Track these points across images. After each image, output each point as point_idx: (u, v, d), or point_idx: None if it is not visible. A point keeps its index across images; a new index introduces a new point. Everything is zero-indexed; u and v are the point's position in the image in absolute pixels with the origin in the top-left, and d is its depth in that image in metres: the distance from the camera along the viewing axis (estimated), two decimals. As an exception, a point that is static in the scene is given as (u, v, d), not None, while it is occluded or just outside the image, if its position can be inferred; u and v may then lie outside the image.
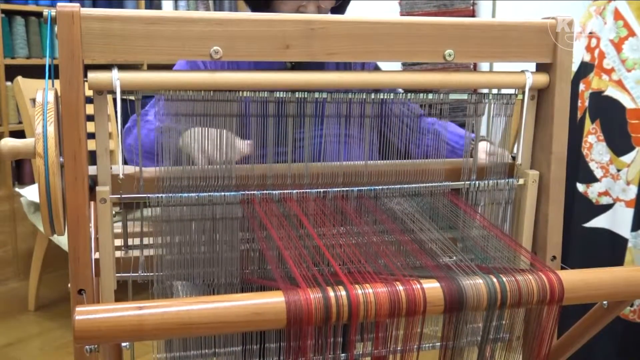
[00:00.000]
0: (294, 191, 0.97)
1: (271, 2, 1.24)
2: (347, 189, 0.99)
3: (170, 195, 0.92)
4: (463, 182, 1.03)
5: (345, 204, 0.99)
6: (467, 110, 1.01)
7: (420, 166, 1.04)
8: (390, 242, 0.97)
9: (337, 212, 0.98)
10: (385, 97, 1.01)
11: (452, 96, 1.00)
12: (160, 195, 0.92)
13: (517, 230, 1.06)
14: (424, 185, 1.02)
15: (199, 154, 0.96)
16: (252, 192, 0.95)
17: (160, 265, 0.94)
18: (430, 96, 0.99)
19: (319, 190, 0.98)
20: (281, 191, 0.97)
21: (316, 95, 0.96)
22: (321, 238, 0.93)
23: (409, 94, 0.99)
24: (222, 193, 0.94)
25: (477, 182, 1.03)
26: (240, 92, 0.93)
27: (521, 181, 1.04)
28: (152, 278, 0.95)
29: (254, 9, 1.31)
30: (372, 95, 1.00)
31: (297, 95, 0.95)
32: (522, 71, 1.01)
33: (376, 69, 1.35)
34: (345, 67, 1.29)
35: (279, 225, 0.94)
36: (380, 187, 1.00)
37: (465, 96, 1.01)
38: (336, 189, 0.99)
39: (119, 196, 0.91)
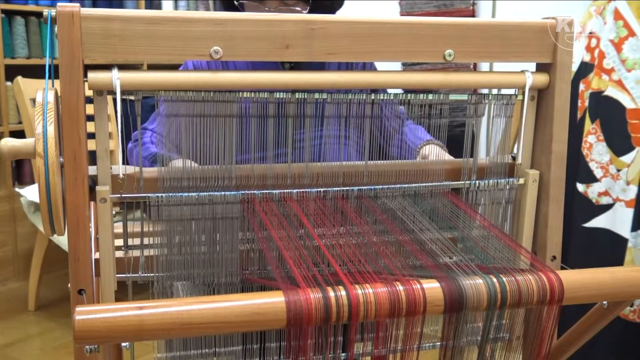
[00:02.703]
0: (294, 190, 0.97)
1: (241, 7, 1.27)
2: (347, 188, 0.99)
3: (170, 194, 0.92)
4: (463, 182, 1.03)
5: (345, 204, 0.99)
6: (467, 111, 1.01)
7: (420, 166, 1.04)
8: (390, 242, 0.97)
9: (337, 212, 0.98)
10: (384, 97, 1.01)
11: (452, 96, 1.00)
12: (160, 194, 0.92)
13: (517, 230, 1.06)
14: (424, 185, 1.02)
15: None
16: (252, 191, 0.95)
17: (161, 266, 0.94)
18: (430, 96, 0.99)
19: (319, 189, 0.98)
20: (281, 190, 0.97)
21: (316, 96, 0.96)
22: (321, 238, 0.93)
23: (409, 95, 0.99)
24: (222, 192, 0.94)
25: (477, 181, 1.03)
26: (240, 93, 0.93)
27: (521, 181, 1.04)
28: (152, 279, 0.95)
29: (226, 8, 1.33)
30: (372, 96, 1.00)
31: (297, 96, 0.95)
32: (522, 71, 1.01)
33: (372, 69, 1.35)
34: (347, 67, 1.29)
35: (279, 225, 0.94)
36: (380, 186, 1.00)
37: (465, 97, 1.01)
38: (336, 189, 0.99)
39: (119, 195, 0.91)
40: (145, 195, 0.92)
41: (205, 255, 0.95)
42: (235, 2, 1.29)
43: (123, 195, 0.92)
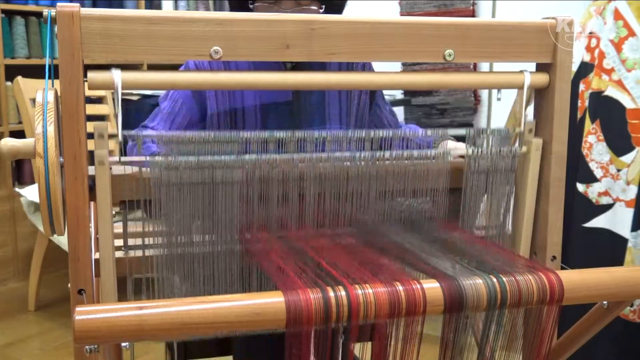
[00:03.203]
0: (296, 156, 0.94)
1: (255, 8, 1.25)
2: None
3: (169, 157, 0.89)
4: (468, 147, 1.00)
5: (344, 203, 0.98)
6: (467, 112, 1.01)
7: (423, 166, 1.03)
8: (389, 243, 0.97)
9: (333, 215, 0.98)
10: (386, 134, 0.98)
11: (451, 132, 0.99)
12: (159, 157, 0.89)
13: (517, 211, 1.04)
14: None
15: None
16: (254, 155, 0.93)
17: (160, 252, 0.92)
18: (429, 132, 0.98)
19: (320, 154, 0.95)
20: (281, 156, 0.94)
21: (315, 135, 0.94)
22: (320, 238, 0.93)
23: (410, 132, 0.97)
24: (222, 157, 0.91)
25: (480, 148, 1.00)
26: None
27: (524, 149, 1.02)
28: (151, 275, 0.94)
29: (234, 9, 1.31)
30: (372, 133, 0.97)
31: (297, 135, 0.93)
32: (521, 71, 1.01)
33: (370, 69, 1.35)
34: (348, 67, 1.29)
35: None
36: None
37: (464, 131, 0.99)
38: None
39: (118, 160, 0.89)
40: (143, 158, 0.90)
41: (205, 220, 0.94)
42: (250, 5, 1.26)
43: (122, 159, 0.89)
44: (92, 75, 0.86)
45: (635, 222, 1.80)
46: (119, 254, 0.96)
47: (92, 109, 2.89)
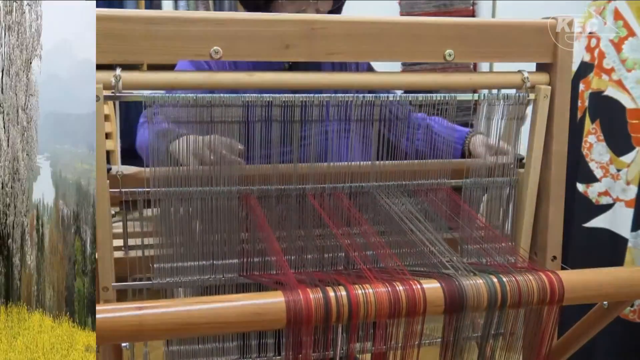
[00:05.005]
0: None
1: (270, 6, 1.24)
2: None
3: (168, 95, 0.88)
4: (473, 94, 0.99)
5: (345, 202, 0.98)
6: (471, 110, 1.00)
7: (426, 166, 1.03)
8: (389, 243, 0.96)
9: (336, 210, 0.98)
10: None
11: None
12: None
13: (518, 211, 1.04)
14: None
15: (190, 157, 0.94)
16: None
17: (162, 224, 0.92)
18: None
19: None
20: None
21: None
22: (322, 237, 0.93)
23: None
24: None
25: (487, 92, 0.99)
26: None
27: (532, 96, 1.00)
28: (156, 286, 0.94)
29: (250, 10, 1.29)
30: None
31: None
32: (519, 71, 1.00)
33: (369, 69, 1.34)
34: (341, 67, 1.28)
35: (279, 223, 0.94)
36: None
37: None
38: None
39: (112, 94, 0.87)
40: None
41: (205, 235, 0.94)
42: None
43: (118, 94, 0.87)
44: (92, 75, 0.86)
45: (635, 222, 1.79)
46: (120, 254, 0.96)
47: (92, 109, 2.88)
